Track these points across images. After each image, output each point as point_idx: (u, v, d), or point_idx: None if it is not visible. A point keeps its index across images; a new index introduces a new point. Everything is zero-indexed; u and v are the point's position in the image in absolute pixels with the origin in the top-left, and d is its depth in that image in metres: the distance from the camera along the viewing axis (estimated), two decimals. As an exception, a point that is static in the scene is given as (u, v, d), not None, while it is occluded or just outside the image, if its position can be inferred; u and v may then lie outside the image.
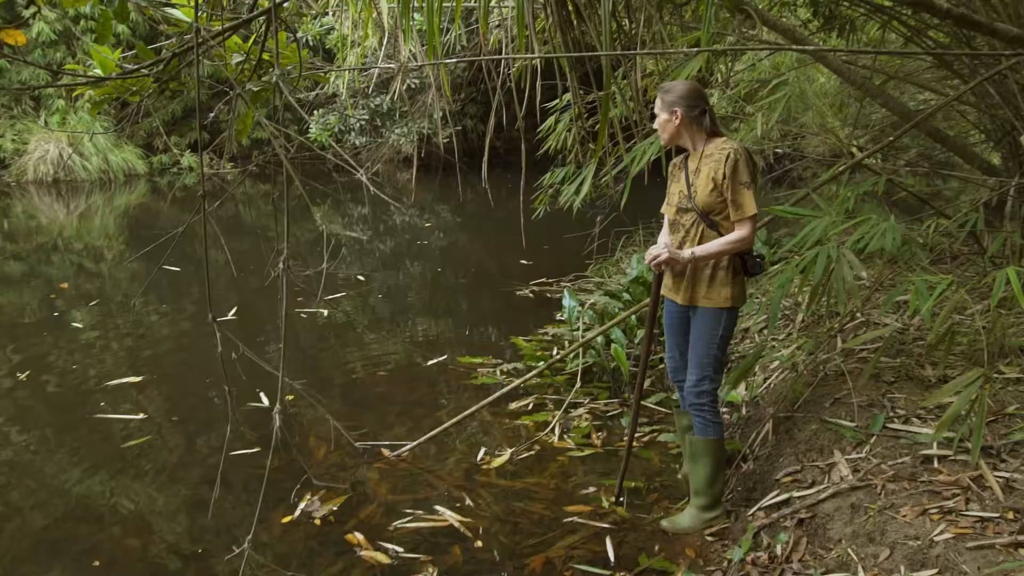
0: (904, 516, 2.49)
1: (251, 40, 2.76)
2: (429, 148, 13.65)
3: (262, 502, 3.27)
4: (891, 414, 3.11)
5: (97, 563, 2.97)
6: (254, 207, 12.59)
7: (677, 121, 2.93)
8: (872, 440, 2.98)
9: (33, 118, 14.72)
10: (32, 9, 12.92)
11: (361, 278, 7.37)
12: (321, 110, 13.73)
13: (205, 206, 1.64)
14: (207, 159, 16.03)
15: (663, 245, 3.01)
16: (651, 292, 3.13)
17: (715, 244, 2.86)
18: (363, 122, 13.49)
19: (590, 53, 3.63)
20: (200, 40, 1.88)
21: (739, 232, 2.84)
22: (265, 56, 2.65)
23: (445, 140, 11.88)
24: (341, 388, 4.65)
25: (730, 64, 6.55)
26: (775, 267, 4.63)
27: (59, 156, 14.13)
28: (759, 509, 2.94)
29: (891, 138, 4.27)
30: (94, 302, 6.59)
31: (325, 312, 6.10)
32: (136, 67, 2.37)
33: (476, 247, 9.44)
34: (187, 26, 2.54)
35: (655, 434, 3.91)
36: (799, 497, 2.86)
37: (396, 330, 5.83)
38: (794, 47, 4.22)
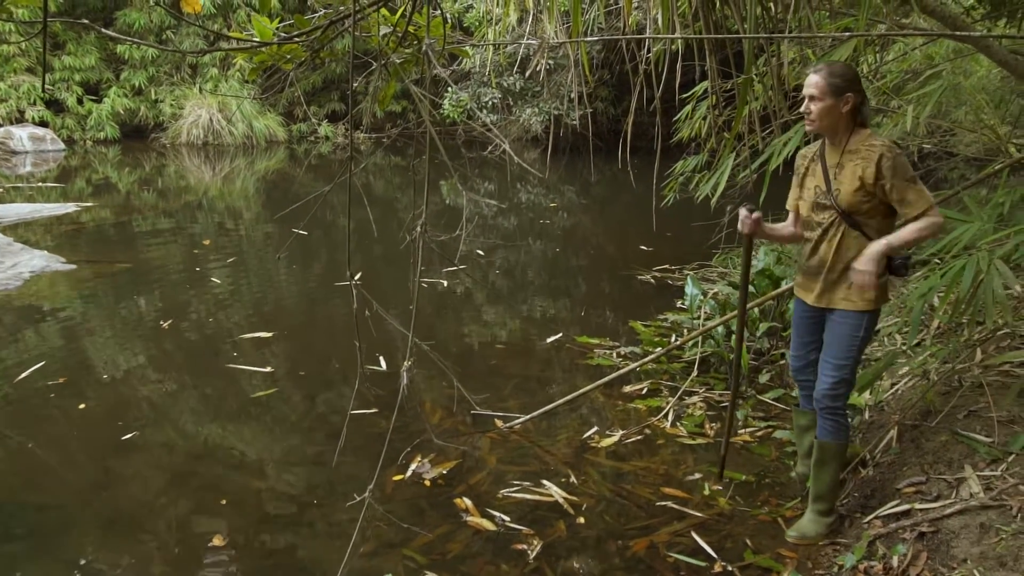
0: (1040, 541, 2.33)
1: (398, 13, 2.84)
2: (557, 129, 13.65)
3: (377, 459, 3.40)
4: (1034, 433, 2.91)
5: (224, 502, 3.18)
6: (383, 178, 12.98)
7: (847, 108, 2.67)
8: (1010, 459, 2.80)
9: (189, 85, 15.66)
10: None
11: (481, 252, 7.49)
12: (453, 87, 13.96)
13: (352, 168, 1.71)
14: (342, 128, 16.62)
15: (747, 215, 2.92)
16: (742, 261, 3.06)
17: (909, 231, 2.60)
18: (495, 100, 13.62)
19: (733, 35, 3.54)
20: (356, 9, 1.96)
21: (931, 219, 2.58)
22: (410, 29, 2.73)
23: (574, 121, 11.85)
24: (457, 358, 4.76)
25: (879, 53, 6.22)
26: (917, 272, 4.40)
27: (209, 121, 15.00)
28: (876, 517, 2.83)
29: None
30: (232, 259, 6.99)
31: (445, 283, 6.24)
32: (291, 35, 2.48)
33: (598, 229, 9.40)
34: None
35: (771, 430, 3.81)
36: (922, 509, 2.72)
37: (513, 306, 5.90)
38: (956, 34, 3.96)
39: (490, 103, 13.69)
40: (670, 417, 3.90)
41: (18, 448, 3.61)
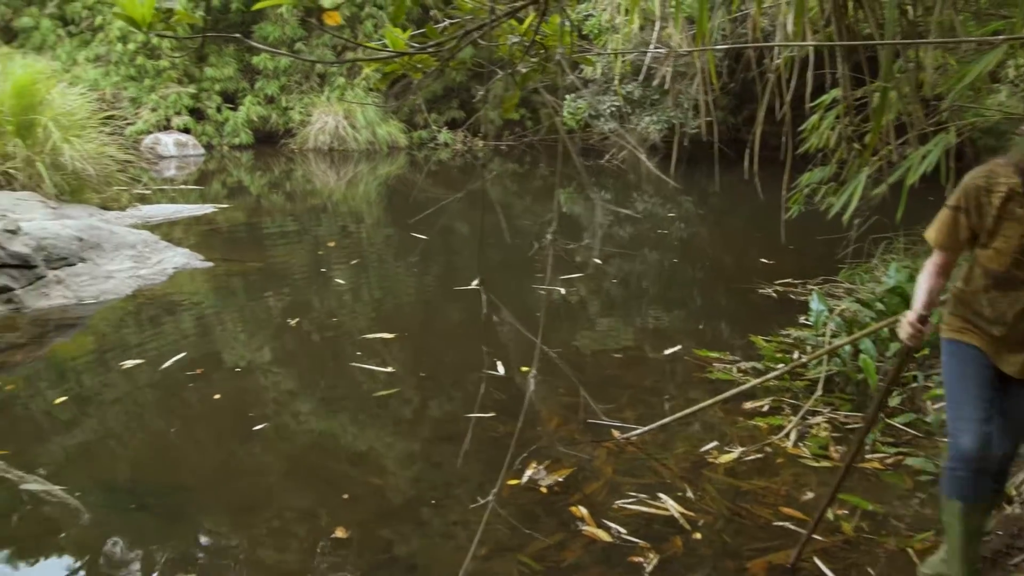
0: None
1: (526, 22, 2.88)
2: (676, 137, 13.42)
3: (492, 463, 3.45)
4: None
5: (346, 496, 3.29)
6: (500, 184, 13.14)
7: None
8: None
9: (317, 93, 16.34)
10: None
11: (598, 261, 7.47)
12: (572, 95, 14.00)
13: (485, 176, 1.75)
14: (460, 136, 16.93)
15: (917, 315, 2.36)
16: (894, 370, 2.60)
17: None
18: (614, 108, 13.56)
19: (870, 42, 3.40)
20: (493, 18, 2.00)
21: None
22: (536, 38, 2.75)
23: (694, 130, 11.64)
24: (573, 366, 4.75)
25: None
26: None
27: (335, 127, 15.59)
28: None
29: None
30: (355, 261, 7.24)
31: (563, 290, 6.25)
32: (425, 46, 2.55)
33: (716, 240, 9.21)
34: (469, 8, 2.70)
35: (901, 457, 3.61)
36: (1075, 551, 2.52)
37: (630, 315, 5.85)
38: None
39: (608, 111, 13.64)
40: (792, 437, 3.77)
41: (158, 432, 3.86)
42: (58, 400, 4.13)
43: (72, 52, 15.34)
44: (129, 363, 4.59)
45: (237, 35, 2.73)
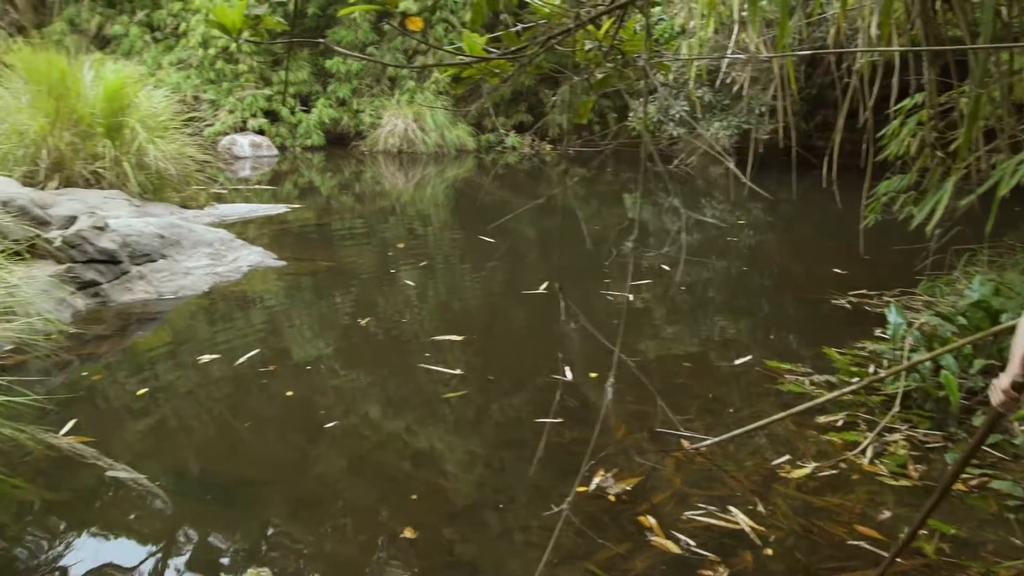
0: None
1: (604, 27, 2.87)
2: (746, 143, 13.21)
3: (560, 468, 3.44)
4: None
5: (414, 496, 3.32)
6: (568, 188, 13.11)
7: None
8: None
9: (388, 96, 16.59)
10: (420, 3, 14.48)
11: (666, 267, 7.39)
12: (641, 100, 13.88)
13: (567, 182, 1.74)
14: (528, 139, 16.97)
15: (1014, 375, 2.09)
16: (980, 434, 2.35)
17: None
18: (683, 113, 13.41)
19: (964, 47, 3.28)
20: (578, 23, 1.99)
21: None
22: (613, 43, 2.74)
23: (766, 136, 11.42)
24: (641, 374, 4.71)
25: None
26: None
27: (405, 130, 15.80)
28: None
29: None
30: (423, 263, 7.32)
31: (631, 296, 6.19)
32: (507, 51, 2.56)
33: (786, 249, 9.01)
34: (546, 13, 2.71)
35: (986, 479, 3.47)
36: None
37: (699, 323, 5.77)
38: None
39: (677, 116, 13.49)
40: (868, 453, 3.65)
41: (232, 426, 3.97)
42: (140, 391, 4.28)
43: (157, 57, 15.96)
44: (206, 357, 4.73)
45: (320, 40, 2.79)
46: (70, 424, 3.83)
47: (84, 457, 3.33)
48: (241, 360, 4.70)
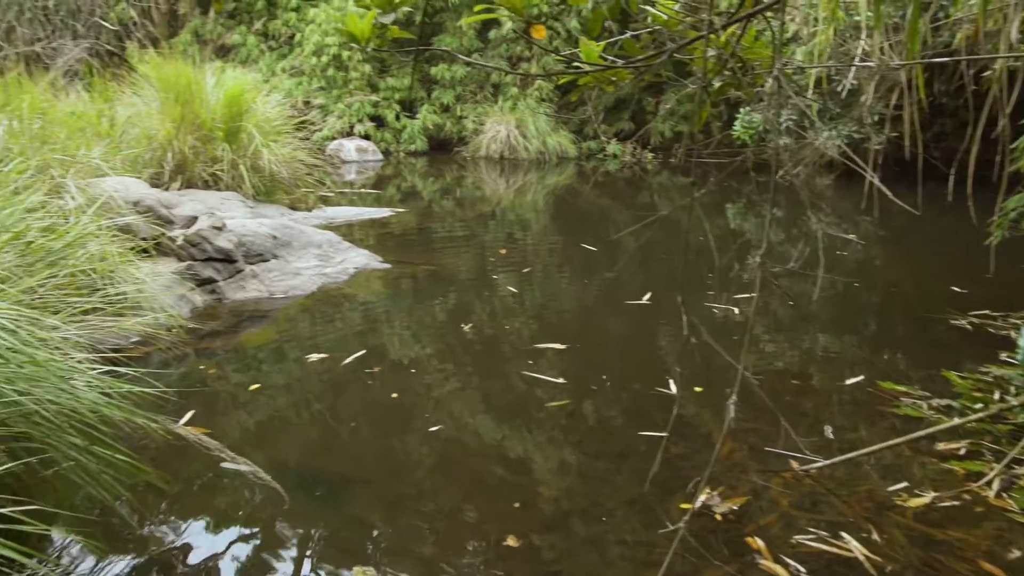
0: None
1: (725, 35, 2.81)
2: (858, 154, 12.73)
3: (659, 484, 3.38)
4: None
5: (517, 505, 3.32)
6: (667, 197, 12.94)
7: None
8: None
9: (491, 103, 16.79)
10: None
11: (775, 283, 7.17)
12: (746, 108, 13.58)
13: (695, 193, 1.71)
14: (629, 147, 16.84)
15: None
16: None
17: None
18: (791, 122, 13.03)
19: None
20: (708, 31, 1.96)
21: None
22: (733, 51, 2.68)
23: (879, 146, 10.96)
24: (747, 391, 4.59)
25: None
26: None
27: (507, 136, 15.94)
28: None
29: None
30: (526, 269, 7.35)
31: (736, 310, 6.04)
32: (632, 60, 2.54)
33: (898, 265, 8.62)
34: (664, 21, 2.67)
35: None
36: None
37: (806, 340, 5.58)
38: None
39: (785, 125, 13.11)
40: (995, 486, 3.44)
41: (338, 424, 4.08)
42: (252, 387, 4.45)
43: (271, 64, 16.66)
44: (314, 356, 4.88)
45: (445, 49, 2.84)
46: (189, 415, 4.02)
47: (208, 448, 3.49)
48: (348, 360, 4.83)
